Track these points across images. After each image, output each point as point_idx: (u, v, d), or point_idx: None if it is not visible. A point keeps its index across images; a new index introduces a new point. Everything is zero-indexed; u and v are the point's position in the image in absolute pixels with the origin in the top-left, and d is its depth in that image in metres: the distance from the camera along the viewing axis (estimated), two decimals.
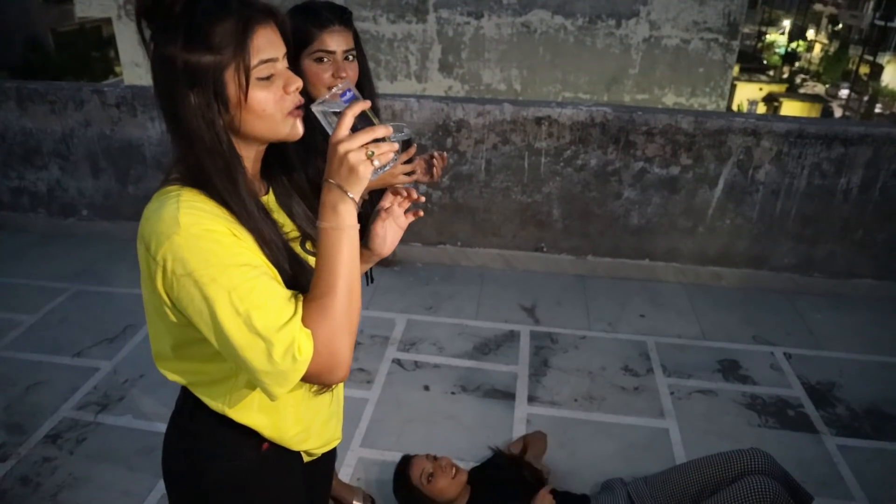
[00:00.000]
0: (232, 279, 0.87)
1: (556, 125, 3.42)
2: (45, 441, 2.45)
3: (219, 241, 0.88)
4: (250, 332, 0.87)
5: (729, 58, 7.49)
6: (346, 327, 0.93)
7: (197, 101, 0.90)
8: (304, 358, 0.89)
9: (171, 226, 0.87)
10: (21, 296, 3.41)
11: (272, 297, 0.89)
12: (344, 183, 0.89)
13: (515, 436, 2.49)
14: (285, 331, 0.88)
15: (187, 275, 0.87)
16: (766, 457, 1.98)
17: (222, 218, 0.91)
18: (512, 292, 3.54)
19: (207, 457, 1.10)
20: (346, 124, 0.89)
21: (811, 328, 3.27)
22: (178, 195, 0.91)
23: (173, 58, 0.88)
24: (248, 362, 0.88)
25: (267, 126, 0.95)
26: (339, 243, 0.92)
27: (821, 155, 3.33)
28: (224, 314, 0.87)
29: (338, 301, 0.92)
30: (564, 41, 7.51)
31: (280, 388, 0.91)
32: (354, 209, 0.92)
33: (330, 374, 0.93)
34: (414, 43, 7.68)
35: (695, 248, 3.63)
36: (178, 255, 0.87)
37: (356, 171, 0.88)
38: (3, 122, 3.87)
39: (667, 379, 2.86)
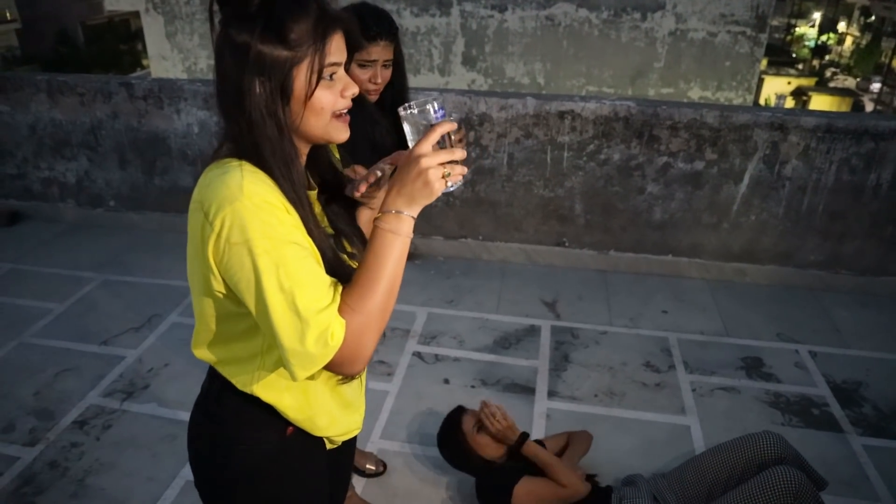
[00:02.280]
0: (283, 255, 0.89)
1: (579, 119, 3.39)
2: (72, 427, 2.51)
3: (277, 216, 0.90)
4: (290, 311, 0.89)
5: (757, 51, 7.37)
6: (376, 324, 0.95)
7: (262, 90, 0.92)
8: (335, 344, 0.91)
9: (234, 192, 0.89)
10: (50, 284, 3.49)
11: (316, 280, 0.92)
12: (415, 194, 0.93)
13: (535, 430, 2.49)
14: (323, 315, 0.90)
15: (242, 243, 0.89)
16: (778, 438, 1.97)
17: (279, 194, 0.94)
18: (533, 287, 3.53)
19: (232, 440, 1.11)
20: (433, 139, 0.93)
21: (837, 326, 3.22)
22: (241, 165, 0.93)
23: (246, 45, 0.90)
24: (282, 339, 0.91)
25: (321, 124, 0.98)
26: (392, 247, 0.95)
27: (850, 150, 3.26)
28: (270, 287, 0.89)
29: (376, 298, 0.95)
30: (589, 34, 7.44)
31: (304, 370, 0.93)
32: (413, 221, 0.96)
33: (350, 366, 0.95)
34: (437, 36, 7.67)
35: (719, 244, 3.58)
36: (237, 221, 0.89)
37: (430, 186, 0.92)
38: (34, 113, 3.95)
39: (689, 375, 2.84)
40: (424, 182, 0.92)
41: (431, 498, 2.22)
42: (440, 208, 3.72)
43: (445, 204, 3.71)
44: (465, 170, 0.96)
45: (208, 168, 0.97)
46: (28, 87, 3.88)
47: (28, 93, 3.89)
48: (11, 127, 4.02)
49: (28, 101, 3.91)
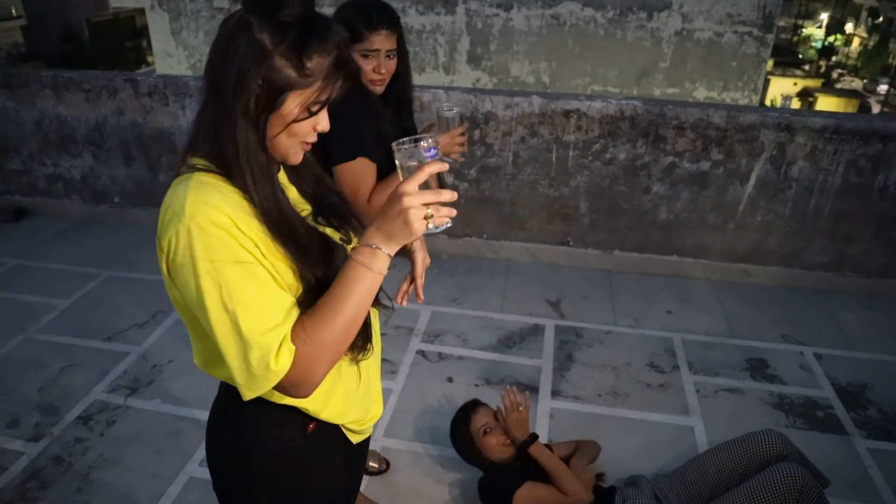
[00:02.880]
0: (225, 275, 0.89)
1: (584, 118, 3.38)
2: (77, 422, 2.51)
3: (219, 236, 0.89)
4: (233, 331, 0.89)
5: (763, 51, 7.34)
6: (329, 356, 0.95)
7: (256, 91, 0.91)
8: (279, 369, 0.90)
9: (178, 212, 0.89)
10: (55, 280, 3.50)
11: (263, 299, 0.91)
12: (394, 233, 0.91)
13: (539, 430, 2.49)
14: (268, 337, 0.89)
15: (187, 264, 0.89)
16: (781, 437, 1.97)
17: (232, 203, 0.92)
18: (537, 286, 3.52)
19: (254, 441, 1.10)
20: (419, 179, 0.91)
21: (843, 328, 3.20)
22: (189, 180, 0.92)
23: (264, 48, 0.89)
24: (227, 358, 0.91)
25: (286, 146, 0.98)
26: (361, 280, 0.93)
27: (857, 151, 3.25)
28: (213, 308, 0.89)
29: (333, 330, 0.93)
30: (594, 34, 7.43)
31: (249, 391, 0.93)
32: (389, 259, 0.94)
33: (295, 390, 0.95)
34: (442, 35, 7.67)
35: (724, 245, 3.57)
36: (181, 242, 0.89)
37: (410, 226, 0.90)
38: (40, 109, 3.96)
39: (693, 376, 2.83)
40: (405, 221, 0.89)
41: (434, 496, 2.22)
42: None
43: None
44: (452, 212, 0.93)
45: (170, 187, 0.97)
46: (33, 83, 3.89)
47: (33, 89, 3.90)
48: (17, 123, 4.03)
49: (33, 97, 3.92)
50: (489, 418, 2.13)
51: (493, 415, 2.15)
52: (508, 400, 2.06)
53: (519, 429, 2.04)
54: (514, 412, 2.04)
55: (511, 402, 2.05)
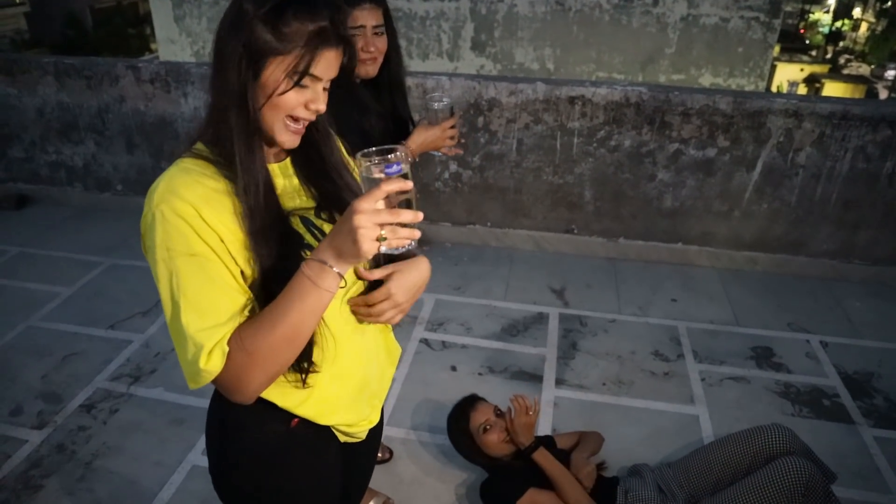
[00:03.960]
0: (177, 265, 0.89)
1: (589, 105, 3.35)
2: (80, 410, 2.51)
3: (178, 226, 0.89)
4: (175, 321, 0.90)
5: (770, 37, 7.26)
6: (263, 367, 0.92)
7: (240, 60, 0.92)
8: (209, 369, 0.89)
9: (149, 198, 0.92)
10: (58, 268, 3.49)
11: (208, 296, 0.90)
12: (343, 250, 0.85)
13: (542, 418, 2.48)
14: (203, 335, 0.88)
15: (150, 248, 0.91)
16: (787, 432, 1.95)
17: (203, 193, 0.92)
18: (541, 274, 3.50)
19: (237, 426, 1.10)
20: (376, 197, 0.83)
21: (849, 316, 3.18)
22: (176, 164, 0.96)
23: (247, 14, 0.90)
24: (175, 345, 0.92)
25: (271, 120, 0.95)
26: (306, 295, 0.89)
27: (866, 138, 3.21)
28: (164, 295, 0.91)
29: (270, 341, 0.90)
30: (599, 20, 7.35)
31: (191, 382, 0.92)
32: (340, 278, 0.89)
33: (230, 394, 0.95)
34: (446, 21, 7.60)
35: (730, 233, 3.54)
36: (148, 228, 0.92)
37: (359, 247, 0.83)
38: (42, 96, 3.93)
39: (698, 365, 2.81)
40: (353, 240, 0.83)
41: (437, 486, 2.21)
42: (448, 194, 3.69)
43: (454, 190, 3.68)
44: (413, 234, 0.86)
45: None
46: (35, 69, 3.86)
47: (35, 76, 3.88)
48: (19, 110, 4.01)
49: (35, 84, 3.90)
50: (489, 414, 2.09)
51: (492, 411, 2.12)
52: (518, 403, 2.02)
53: (525, 433, 2.00)
54: (523, 416, 2.00)
55: (520, 406, 2.01)
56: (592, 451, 2.20)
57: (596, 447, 2.22)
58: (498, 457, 2.07)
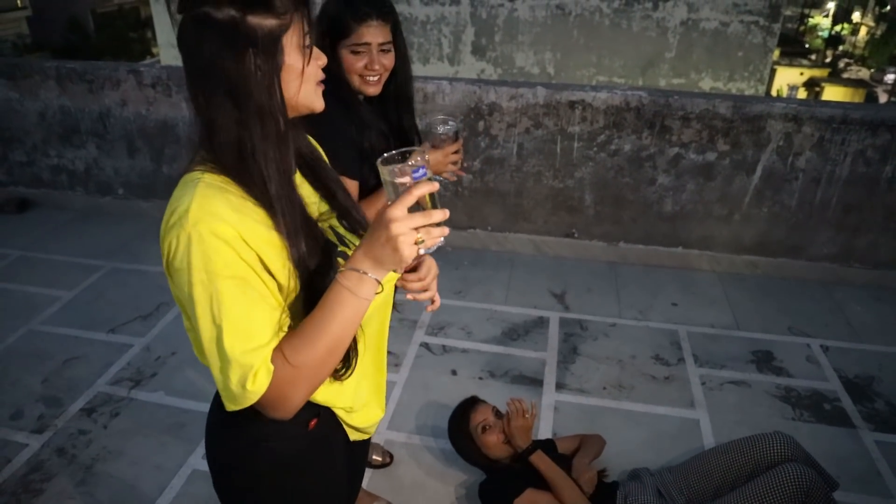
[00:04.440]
0: (218, 289, 0.87)
1: (590, 109, 3.35)
2: (80, 414, 2.51)
3: (218, 247, 0.86)
4: (217, 345, 0.88)
5: (769, 41, 7.28)
6: (308, 380, 0.92)
7: (256, 62, 0.86)
8: (256, 390, 0.89)
9: (181, 217, 0.86)
10: (59, 272, 3.50)
11: (250, 318, 0.89)
12: (383, 259, 0.87)
13: (543, 423, 2.48)
14: (248, 357, 0.88)
15: (182, 270, 0.87)
16: (789, 439, 1.94)
17: (237, 209, 0.89)
18: (542, 278, 3.51)
19: (254, 441, 1.07)
20: (408, 202, 0.85)
21: (850, 320, 3.18)
22: (198, 181, 0.89)
23: (233, 21, 0.85)
24: (211, 368, 0.91)
25: (306, 91, 0.94)
26: (346, 305, 0.89)
27: (865, 142, 3.21)
28: (203, 318, 0.88)
29: (314, 354, 0.90)
30: (599, 24, 7.38)
31: (229, 404, 0.92)
32: (377, 284, 0.90)
33: (271, 411, 0.93)
34: (447, 25, 7.63)
35: (730, 237, 3.54)
36: (180, 248, 0.87)
37: (400, 253, 0.85)
38: (44, 100, 3.94)
39: (698, 369, 2.81)
40: (394, 248, 0.85)
41: (438, 490, 2.21)
42: (448, 198, 3.70)
43: (454, 194, 3.69)
44: (444, 231, 0.88)
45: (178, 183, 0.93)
46: (37, 74, 3.87)
47: (37, 80, 3.89)
48: (20, 114, 4.02)
49: (37, 88, 3.91)
50: (488, 415, 2.11)
51: (491, 411, 2.13)
52: (514, 406, 2.03)
53: (522, 436, 2.01)
54: (520, 419, 2.00)
55: (516, 409, 2.02)
56: (594, 454, 2.19)
57: (598, 451, 2.21)
58: (497, 458, 2.08)
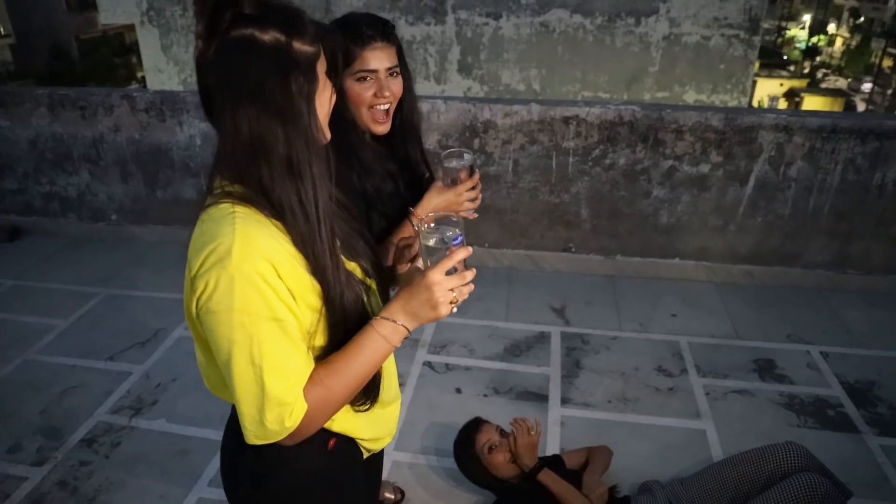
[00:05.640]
0: (260, 331, 0.88)
1: (584, 124, 3.39)
2: (80, 445, 2.47)
3: (261, 289, 0.86)
4: (256, 384, 0.89)
5: (750, 54, 7.39)
6: (330, 414, 1.00)
7: (300, 83, 0.89)
8: (290, 426, 0.93)
9: (223, 254, 0.85)
10: (54, 300, 3.46)
11: (290, 359, 0.92)
12: (420, 314, 0.97)
13: (550, 438, 2.47)
14: (288, 395, 0.91)
15: (221, 312, 0.87)
16: (802, 450, 1.94)
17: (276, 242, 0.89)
18: (541, 293, 3.51)
19: (274, 464, 1.07)
20: (446, 268, 0.96)
21: (847, 326, 3.21)
22: (234, 215, 0.87)
23: (279, 42, 0.86)
24: (243, 406, 0.92)
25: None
26: (379, 351, 0.98)
27: (855, 150, 3.26)
28: (240, 359, 0.89)
29: (344, 382, 0.97)
30: (583, 40, 7.46)
31: (258, 439, 0.94)
32: (407, 333, 1.00)
33: (291, 439, 0.96)
34: (433, 45, 7.68)
35: (726, 247, 3.57)
36: (220, 289, 0.85)
37: (437, 310, 0.96)
38: (35, 128, 3.92)
39: (701, 379, 2.82)
40: (432, 306, 0.96)
41: None
42: None
43: None
44: (472, 287, 0.99)
45: (203, 213, 0.91)
46: (29, 101, 3.86)
47: (28, 107, 3.87)
48: (12, 142, 3.99)
49: (29, 115, 3.89)
50: (493, 435, 2.09)
51: (496, 431, 2.11)
52: (519, 424, 2.02)
53: (528, 454, 2.00)
54: (526, 436, 2.00)
55: (521, 427, 2.01)
56: (603, 468, 2.19)
57: (606, 463, 2.21)
58: (506, 478, 2.06)
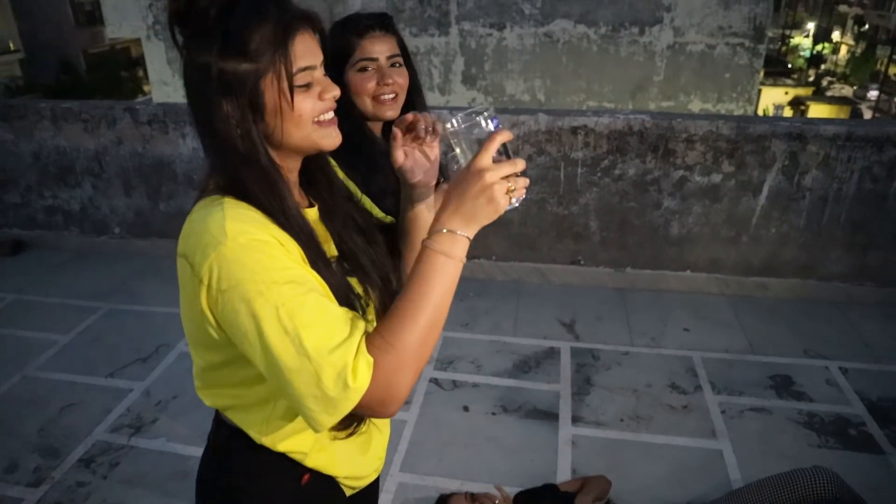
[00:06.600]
0: (281, 294, 0.80)
1: (592, 134, 3.32)
2: (78, 465, 2.41)
3: (268, 252, 0.81)
4: (299, 354, 0.79)
5: (756, 62, 7.34)
6: (414, 362, 0.84)
7: (231, 109, 0.85)
8: (359, 385, 0.80)
9: (217, 236, 0.81)
10: (55, 315, 3.41)
11: (324, 315, 0.82)
12: (477, 212, 0.84)
13: (560, 459, 2.39)
14: (338, 353, 0.79)
15: (232, 288, 0.80)
16: (832, 475, 1.81)
17: (269, 226, 0.85)
18: (550, 307, 3.44)
19: (243, 492, 1.03)
20: (492, 150, 0.84)
21: (866, 340, 3.12)
22: (223, 202, 0.86)
23: (208, 66, 0.84)
24: (296, 386, 0.80)
25: (303, 135, 0.90)
26: (443, 272, 0.85)
27: (871, 158, 3.19)
28: (271, 332, 0.79)
29: (417, 331, 0.83)
30: (587, 50, 7.43)
31: (329, 416, 0.81)
32: (469, 243, 0.87)
33: (382, 408, 0.84)
34: (437, 56, 7.67)
35: (738, 259, 3.49)
36: (224, 267, 0.80)
37: (495, 203, 0.83)
38: (38, 141, 3.89)
39: (717, 396, 2.73)
40: (489, 198, 0.83)
41: None
42: None
43: None
44: (527, 181, 0.87)
45: (192, 211, 0.89)
46: (32, 114, 3.83)
47: (32, 120, 3.84)
48: (15, 155, 3.96)
49: (32, 128, 3.86)
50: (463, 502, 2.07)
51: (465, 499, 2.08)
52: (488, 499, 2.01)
53: None
54: None
55: None
56: (598, 492, 2.11)
57: (601, 492, 2.14)
58: None
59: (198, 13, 0.83)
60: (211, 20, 0.83)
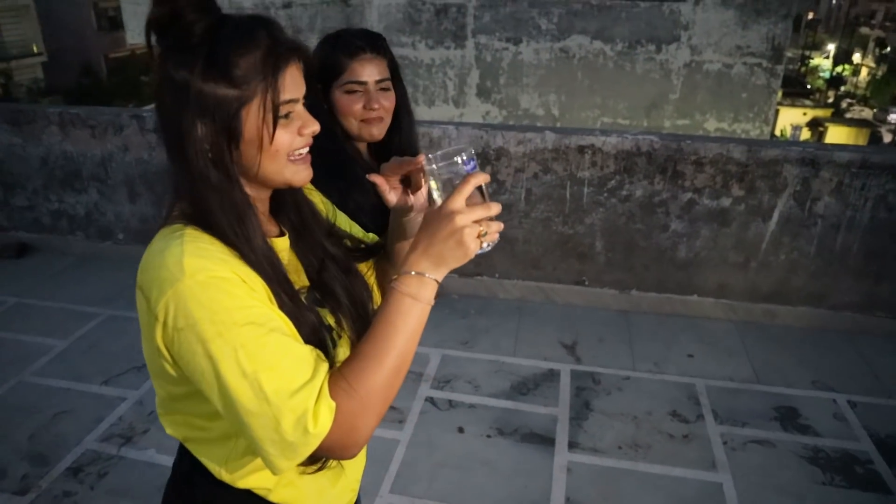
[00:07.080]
0: (241, 335, 0.76)
1: (599, 154, 3.28)
2: (66, 474, 2.38)
3: (228, 290, 0.77)
4: (258, 397, 0.76)
5: (773, 83, 7.27)
6: (378, 406, 0.81)
7: (205, 133, 0.81)
8: (320, 431, 0.77)
9: (174, 272, 0.76)
10: (55, 319, 3.40)
11: (286, 357, 0.78)
12: (445, 255, 0.83)
13: (555, 487, 2.32)
14: (298, 398, 0.76)
15: (190, 327, 0.76)
16: None
17: (231, 262, 0.81)
18: (551, 327, 3.38)
19: None
20: (466, 192, 0.82)
21: (877, 373, 3.03)
22: (182, 234, 0.81)
23: (186, 84, 0.79)
24: (254, 429, 0.77)
25: (276, 168, 0.86)
26: (409, 315, 0.83)
27: (887, 186, 3.11)
28: (229, 374, 0.76)
29: (380, 375, 0.81)
30: (603, 66, 7.40)
31: (287, 460, 0.79)
32: (437, 286, 0.84)
33: (341, 451, 0.82)
34: (452, 68, 7.67)
35: (747, 284, 3.42)
36: (181, 305, 0.76)
37: (465, 247, 0.82)
38: (46, 146, 3.91)
39: (719, 426, 2.66)
40: (458, 241, 0.81)
41: None
42: None
43: None
44: (501, 226, 0.84)
45: (153, 240, 0.84)
46: (40, 119, 3.85)
47: (40, 125, 3.86)
48: (23, 159, 3.98)
49: (40, 133, 3.88)
50: None
51: None
52: None
53: None
54: None
55: None
56: None
57: None
58: None
59: (182, 26, 0.79)
60: (195, 36, 0.80)
